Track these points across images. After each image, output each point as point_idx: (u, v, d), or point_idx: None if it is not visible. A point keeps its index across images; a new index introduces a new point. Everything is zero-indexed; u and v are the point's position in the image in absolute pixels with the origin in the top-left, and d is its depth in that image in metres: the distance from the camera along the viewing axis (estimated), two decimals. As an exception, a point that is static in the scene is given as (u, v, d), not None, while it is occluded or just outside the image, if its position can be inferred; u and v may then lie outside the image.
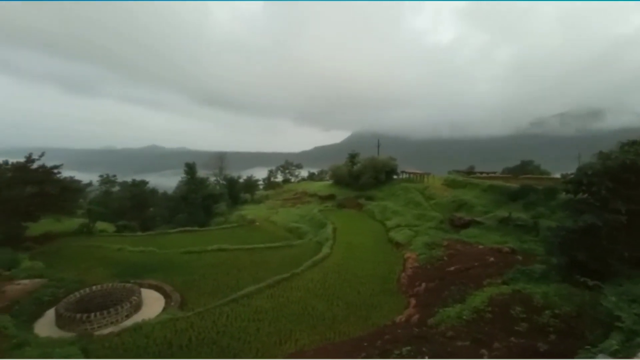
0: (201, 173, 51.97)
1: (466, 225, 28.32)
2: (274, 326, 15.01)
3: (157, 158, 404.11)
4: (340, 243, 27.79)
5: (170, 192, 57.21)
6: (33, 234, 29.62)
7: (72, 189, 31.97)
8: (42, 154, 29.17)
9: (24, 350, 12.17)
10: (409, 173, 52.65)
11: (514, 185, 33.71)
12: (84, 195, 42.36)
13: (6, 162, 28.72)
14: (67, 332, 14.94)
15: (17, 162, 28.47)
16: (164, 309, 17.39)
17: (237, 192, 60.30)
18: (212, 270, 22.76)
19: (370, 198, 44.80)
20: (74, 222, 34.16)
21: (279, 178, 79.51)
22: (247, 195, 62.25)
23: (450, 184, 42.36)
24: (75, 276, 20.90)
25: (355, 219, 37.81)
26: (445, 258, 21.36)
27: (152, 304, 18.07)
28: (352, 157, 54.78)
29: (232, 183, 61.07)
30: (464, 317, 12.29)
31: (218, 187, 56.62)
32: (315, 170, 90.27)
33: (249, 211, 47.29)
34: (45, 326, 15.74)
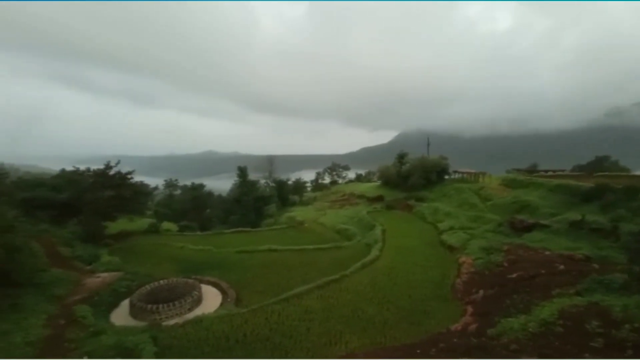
0: (252, 176, 54.44)
1: (529, 228, 25.98)
2: (324, 327, 15.14)
3: (213, 163, 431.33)
4: (390, 245, 27.20)
5: (224, 194, 60.76)
6: (111, 232, 33.44)
7: (143, 192, 35.64)
8: (118, 162, 32.81)
9: (100, 338, 13.69)
10: (462, 173, 49.80)
11: (587, 184, 30.21)
12: (152, 197, 46.92)
13: (88, 169, 32.83)
14: (139, 321, 16.56)
15: (98, 169, 32.37)
16: (221, 305, 18.49)
17: (286, 194, 62.06)
18: (263, 269, 23.69)
19: (420, 199, 43.23)
20: (144, 222, 37.98)
21: (327, 180, 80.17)
22: (296, 197, 63.77)
23: (510, 183, 39.21)
24: (146, 270, 23.16)
25: (404, 221, 36.74)
26: (505, 264, 19.81)
27: (211, 299, 19.32)
28: (401, 157, 53.39)
29: (281, 185, 63.02)
30: (530, 329, 11.26)
31: (268, 190, 58.82)
32: (362, 172, 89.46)
33: (298, 213, 48.35)
34: (121, 315, 17.60)
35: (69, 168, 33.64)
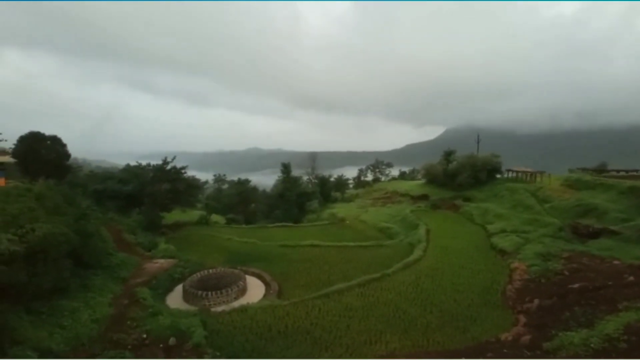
0: (295, 172, 55.54)
1: (595, 235, 23.47)
2: (364, 325, 15.09)
3: (258, 158, 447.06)
4: (434, 246, 26.23)
5: (268, 189, 62.77)
6: (167, 222, 36.26)
7: (195, 186, 38.19)
8: (174, 158, 35.41)
9: (157, 318, 14.94)
10: (517, 172, 46.20)
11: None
12: (203, 191, 49.99)
13: (149, 164, 35.85)
14: (190, 305, 17.82)
15: (157, 164, 35.21)
16: (264, 296, 19.23)
17: (328, 190, 62.44)
18: (305, 264, 24.14)
19: (468, 199, 40.99)
20: (195, 214, 40.66)
21: (369, 177, 79.22)
22: (338, 194, 63.90)
23: (573, 184, 35.58)
24: (197, 259, 24.79)
25: (450, 221, 35.13)
26: (565, 273, 18.15)
27: (255, 289, 20.18)
28: (448, 155, 50.93)
29: (323, 182, 63.53)
30: (592, 345, 10.25)
31: (310, 186, 59.65)
32: (406, 169, 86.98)
33: (340, 209, 48.46)
34: (175, 299, 19.07)
35: (133, 163, 37.09)
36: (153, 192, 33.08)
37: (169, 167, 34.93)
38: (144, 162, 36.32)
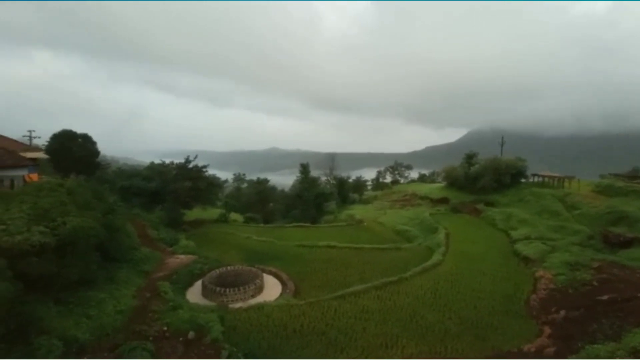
0: (314, 173, 55.69)
1: (626, 244, 22.31)
2: (380, 328, 14.94)
3: (277, 158, 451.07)
4: (454, 251, 25.62)
5: (287, 189, 63.23)
6: (188, 219, 37.22)
7: (215, 184, 39.09)
8: (196, 156, 36.34)
9: (178, 312, 15.35)
10: (543, 176, 44.44)
11: None
12: (222, 190, 51.01)
13: (172, 163, 36.95)
14: (209, 301, 18.21)
15: (179, 163, 36.24)
16: (281, 295, 19.39)
17: (346, 191, 62.19)
18: (322, 265, 24.15)
19: (490, 203, 39.78)
20: (215, 212, 41.54)
21: (388, 179, 78.34)
22: (356, 195, 63.55)
23: (605, 190, 33.88)
24: (215, 256, 25.30)
25: (471, 226, 34.23)
26: (594, 283, 17.33)
27: (271, 288, 20.38)
28: (470, 158, 49.60)
29: (341, 183, 63.32)
30: (618, 358, 9.79)
31: (328, 187, 59.61)
32: (426, 172, 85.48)
33: (358, 211, 48.17)
34: (194, 294, 19.54)
35: (157, 161, 38.33)
36: (175, 189, 34.05)
37: (190, 165, 35.86)
38: (167, 161, 37.49)
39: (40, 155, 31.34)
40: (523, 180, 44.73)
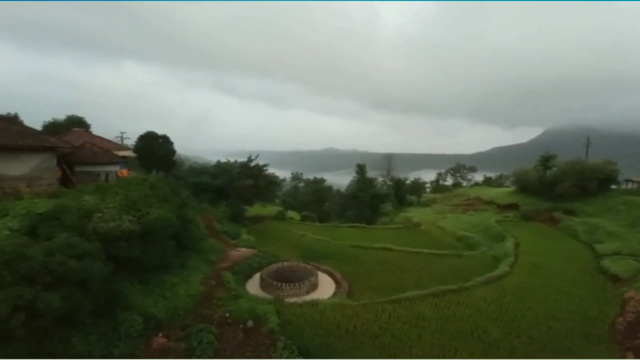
0: (370, 174, 55.13)
1: None
2: (437, 338, 14.24)
3: (333, 159, 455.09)
4: (525, 262, 23.33)
5: (342, 189, 63.55)
6: (248, 215, 39.52)
7: (275, 182, 41.04)
8: (257, 156, 38.48)
9: (238, 301, 16.38)
10: (638, 182, 38.09)
11: None
12: (281, 188, 53.20)
13: (236, 161, 39.61)
14: (266, 293, 19.12)
15: (242, 162, 38.69)
16: (334, 294, 19.55)
17: (403, 193, 60.42)
18: (376, 266, 23.81)
19: (571, 212, 35.31)
20: (273, 209, 43.49)
21: (449, 181, 74.22)
22: (413, 198, 61.41)
23: None
24: (273, 251, 26.46)
25: (546, 236, 30.78)
26: None
27: (325, 286, 20.67)
28: (546, 160, 44.47)
29: (398, 184, 61.72)
30: None
31: (385, 188, 58.50)
32: (492, 175, 78.99)
33: (415, 214, 46.51)
34: (253, 286, 20.65)
35: (223, 160, 41.46)
36: (238, 186, 36.44)
37: (252, 164, 38.05)
38: (231, 159, 40.32)
39: (129, 153, 36.00)
40: (613, 186, 38.85)
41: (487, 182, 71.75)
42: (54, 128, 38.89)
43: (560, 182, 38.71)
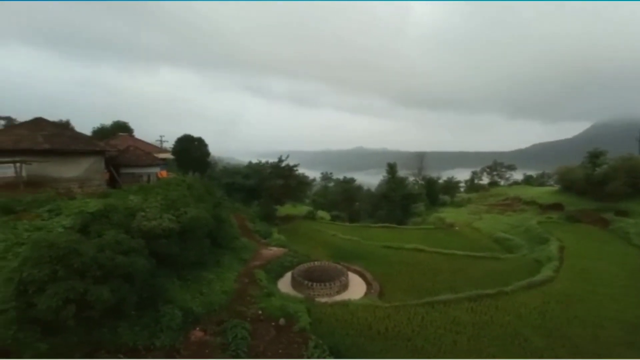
0: (401, 173, 54.07)
1: None
2: (474, 345, 13.70)
3: (362, 158, 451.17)
4: (570, 267, 21.83)
5: (373, 189, 62.84)
6: (279, 214, 40.24)
7: (304, 182, 41.48)
8: (287, 156, 39.10)
9: (270, 299, 16.73)
10: None
11: None
12: (311, 188, 53.66)
13: (267, 162, 40.51)
14: (297, 292, 19.39)
15: (273, 162, 39.49)
16: (365, 294, 19.42)
17: (436, 193, 58.67)
18: (408, 268, 23.35)
19: (623, 213, 32.50)
20: (303, 209, 43.99)
21: (485, 180, 70.99)
22: (447, 197, 59.43)
23: None
24: (303, 250, 26.76)
25: (594, 239, 28.57)
26: None
27: (356, 287, 20.59)
28: (594, 157, 41.17)
29: (430, 184, 60.01)
30: None
31: (417, 187, 57.13)
32: (533, 173, 74.49)
33: (448, 214, 45.03)
34: (284, 284, 21.00)
35: (255, 161, 42.56)
36: (269, 186, 37.24)
37: (283, 164, 38.71)
38: (263, 160, 41.29)
39: (168, 155, 37.98)
40: (674, 186, 35.21)
41: (528, 180, 67.68)
42: (101, 133, 41.96)
43: (611, 181, 35.72)
